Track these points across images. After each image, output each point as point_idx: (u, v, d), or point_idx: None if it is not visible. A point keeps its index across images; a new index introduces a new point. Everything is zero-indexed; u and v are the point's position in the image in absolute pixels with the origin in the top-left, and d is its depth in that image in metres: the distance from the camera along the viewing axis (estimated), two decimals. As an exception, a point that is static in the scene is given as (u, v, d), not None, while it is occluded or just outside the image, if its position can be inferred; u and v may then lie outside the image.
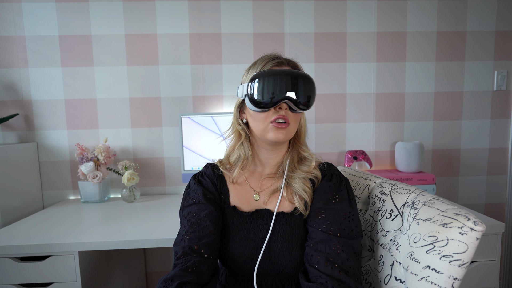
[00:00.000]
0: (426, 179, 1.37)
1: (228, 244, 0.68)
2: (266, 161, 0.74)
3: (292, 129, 0.68)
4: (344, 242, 0.60)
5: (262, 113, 0.66)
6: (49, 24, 1.45)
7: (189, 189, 0.74)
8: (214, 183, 0.74)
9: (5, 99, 1.47)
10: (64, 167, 1.52)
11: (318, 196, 0.67)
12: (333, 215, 0.63)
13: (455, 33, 1.55)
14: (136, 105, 1.52)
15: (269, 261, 0.66)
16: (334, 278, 0.56)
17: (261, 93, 0.64)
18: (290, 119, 0.67)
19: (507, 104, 1.59)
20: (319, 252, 0.60)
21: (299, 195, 0.68)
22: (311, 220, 0.65)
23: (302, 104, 0.65)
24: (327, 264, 0.58)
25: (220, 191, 0.73)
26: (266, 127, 0.66)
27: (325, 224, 0.62)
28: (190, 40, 1.50)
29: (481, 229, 0.48)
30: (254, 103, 0.65)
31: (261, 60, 0.69)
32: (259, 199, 0.72)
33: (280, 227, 0.66)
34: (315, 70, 1.55)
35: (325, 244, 0.60)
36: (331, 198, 0.65)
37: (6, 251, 0.94)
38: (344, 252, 0.59)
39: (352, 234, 0.62)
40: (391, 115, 1.58)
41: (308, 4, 1.51)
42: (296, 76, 0.65)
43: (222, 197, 0.73)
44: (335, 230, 0.61)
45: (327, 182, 0.68)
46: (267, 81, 0.64)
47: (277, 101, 0.64)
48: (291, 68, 0.68)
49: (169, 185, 1.57)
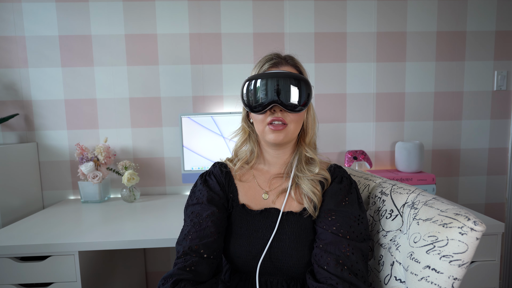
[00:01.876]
0: (426, 179, 1.37)
1: (236, 241, 0.68)
2: (272, 160, 0.74)
3: (292, 130, 0.68)
4: (354, 244, 0.60)
5: (260, 115, 0.68)
6: (49, 24, 1.45)
7: (195, 188, 0.74)
8: (221, 183, 0.74)
9: (5, 99, 1.47)
10: (64, 167, 1.52)
11: (329, 198, 0.67)
12: (343, 217, 0.63)
13: (455, 33, 1.55)
14: (136, 105, 1.52)
15: (276, 260, 0.66)
16: (344, 280, 0.56)
17: (251, 97, 0.66)
18: (288, 120, 0.67)
19: (507, 104, 1.59)
20: (329, 254, 0.60)
21: (308, 196, 0.68)
22: (320, 221, 0.65)
23: (292, 106, 0.65)
24: (337, 266, 0.58)
25: (228, 190, 0.74)
26: (264, 129, 0.68)
27: (335, 226, 0.62)
28: (190, 40, 1.50)
29: (481, 229, 0.48)
30: (247, 107, 0.68)
31: (260, 62, 0.70)
32: (268, 199, 0.72)
33: (288, 226, 0.67)
34: (315, 70, 1.55)
35: (335, 246, 0.60)
36: (342, 201, 0.66)
37: (6, 251, 0.94)
38: (354, 254, 0.59)
39: (361, 237, 0.62)
40: (391, 115, 1.58)
41: (308, 4, 1.51)
42: (284, 78, 0.64)
43: (231, 196, 0.73)
44: (345, 233, 0.61)
45: (337, 185, 0.68)
46: (255, 85, 0.66)
47: (265, 105, 0.65)
48: (290, 66, 0.69)
49: (169, 185, 1.57)
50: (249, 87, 0.67)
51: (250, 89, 0.66)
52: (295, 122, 0.68)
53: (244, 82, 0.68)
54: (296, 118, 0.68)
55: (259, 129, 0.69)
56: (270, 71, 0.67)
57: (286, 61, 0.70)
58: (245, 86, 0.67)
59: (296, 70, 0.70)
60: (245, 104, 0.68)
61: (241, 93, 0.68)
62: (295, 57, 0.72)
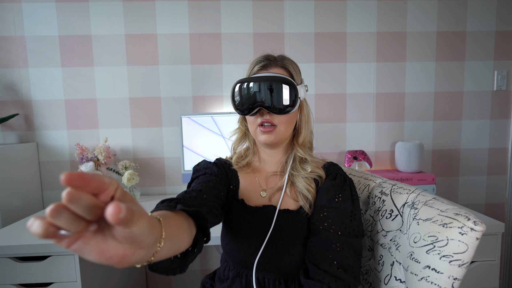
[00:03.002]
0: (426, 179, 1.37)
1: (235, 236, 0.70)
2: (268, 159, 0.75)
3: (282, 131, 0.68)
4: (345, 240, 0.61)
5: (251, 117, 0.69)
6: (49, 24, 1.45)
7: (198, 166, 0.74)
8: (225, 171, 0.74)
9: (5, 99, 1.47)
10: (64, 167, 1.52)
11: (321, 194, 0.67)
12: (335, 213, 0.64)
13: (455, 33, 1.55)
14: (136, 105, 1.52)
15: (274, 257, 0.66)
16: (332, 275, 0.57)
17: (238, 100, 0.68)
18: (277, 121, 0.67)
19: (507, 104, 1.59)
20: (319, 249, 0.61)
21: (303, 194, 0.68)
22: (313, 217, 0.66)
23: (276, 108, 0.65)
24: (326, 261, 0.59)
25: (232, 179, 0.74)
26: (255, 130, 0.69)
27: (326, 222, 0.63)
28: (190, 40, 1.50)
29: (481, 229, 0.48)
30: (235, 109, 0.70)
31: (251, 64, 0.71)
32: (265, 196, 0.73)
33: (285, 223, 0.67)
34: (315, 70, 1.55)
35: (326, 241, 0.61)
36: (334, 197, 0.66)
37: (6, 251, 0.94)
38: (344, 250, 0.60)
39: (353, 233, 0.63)
40: (391, 115, 1.58)
41: (308, 4, 1.51)
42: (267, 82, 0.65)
43: (231, 187, 0.73)
44: (336, 229, 0.62)
45: (330, 181, 0.68)
46: (241, 88, 0.67)
47: (250, 108, 0.66)
48: (280, 67, 0.69)
49: (169, 185, 1.57)
50: (236, 90, 0.68)
51: (237, 92, 0.68)
52: (285, 123, 0.68)
53: (233, 86, 0.69)
54: (285, 119, 0.68)
55: (252, 130, 0.71)
56: (259, 73, 0.68)
57: (276, 62, 0.70)
58: (233, 89, 0.69)
59: (285, 71, 0.69)
60: (234, 106, 0.70)
61: (231, 96, 0.70)
62: (287, 58, 0.71)
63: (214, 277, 0.79)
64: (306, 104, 0.73)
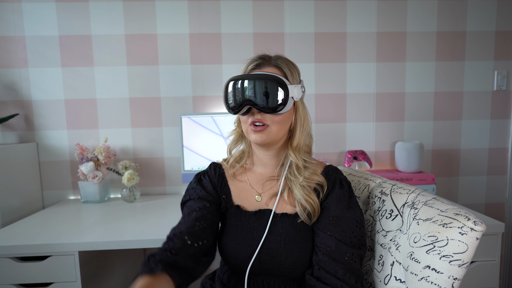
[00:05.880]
0: (426, 179, 1.37)
1: (231, 241, 0.69)
2: (263, 161, 0.74)
3: (274, 131, 0.66)
4: (357, 252, 0.63)
5: (243, 116, 0.69)
6: (49, 24, 1.45)
7: (189, 186, 0.77)
8: (214, 184, 0.75)
9: (5, 99, 1.47)
10: (64, 167, 1.52)
11: (334, 204, 0.66)
12: (347, 224, 0.65)
13: (455, 33, 1.55)
14: (136, 105, 1.52)
15: (272, 261, 0.66)
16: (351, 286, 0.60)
17: (229, 99, 0.68)
18: (269, 121, 0.66)
19: (507, 104, 1.59)
20: (336, 262, 0.62)
21: (300, 203, 0.67)
22: (325, 226, 0.65)
23: (266, 107, 0.64)
24: (346, 274, 0.61)
25: (221, 191, 0.75)
26: (247, 129, 0.68)
27: (339, 232, 0.64)
28: (190, 40, 1.50)
29: (481, 229, 0.48)
30: (226, 108, 0.70)
31: (246, 63, 0.71)
32: (261, 201, 0.72)
33: (283, 228, 0.67)
34: (315, 70, 1.55)
35: (340, 253, 0.62)
36: (347, 206, 0.66)
37: (6, 251, 0.94)
38: (356, 262, 0.63)
39: (362, 240, 0.65)
40: (391, 115, 1.58)
41: (308, 4, 1.51)
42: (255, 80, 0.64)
43: (224, 197, 0.74)
44: (348, 240, 0.63)
45: (340, 190, 0.67)
46: (231, 87, 0.67)
47: (238, 106, 0.66)
48: (273, 66, 0.68)
49: (169, 185, 1.57)
50: (227, 89, 0.68)
51: (229, 91, 0.68)
52: (277, 123, 0.66)
53: (225, 84, 0.69)
54: (277, 119, 0.66)
55: (244, 129, 0.70)
56: (252, 72, 0.68)
57: (269, 62, 0.69)
58: (225, 88, 0.69)
59: (279, 70, 0.68)
60: (225, 105, 0.70)
61: (223, 95, 0.70)
62: (283, 57, 0.70)
63: (214, 277, 0.79)
64: (302, 105, 0.70)
